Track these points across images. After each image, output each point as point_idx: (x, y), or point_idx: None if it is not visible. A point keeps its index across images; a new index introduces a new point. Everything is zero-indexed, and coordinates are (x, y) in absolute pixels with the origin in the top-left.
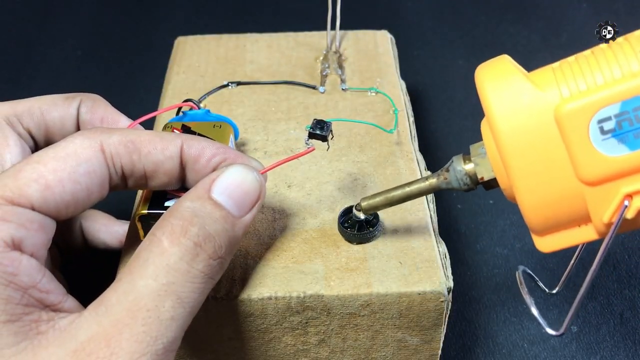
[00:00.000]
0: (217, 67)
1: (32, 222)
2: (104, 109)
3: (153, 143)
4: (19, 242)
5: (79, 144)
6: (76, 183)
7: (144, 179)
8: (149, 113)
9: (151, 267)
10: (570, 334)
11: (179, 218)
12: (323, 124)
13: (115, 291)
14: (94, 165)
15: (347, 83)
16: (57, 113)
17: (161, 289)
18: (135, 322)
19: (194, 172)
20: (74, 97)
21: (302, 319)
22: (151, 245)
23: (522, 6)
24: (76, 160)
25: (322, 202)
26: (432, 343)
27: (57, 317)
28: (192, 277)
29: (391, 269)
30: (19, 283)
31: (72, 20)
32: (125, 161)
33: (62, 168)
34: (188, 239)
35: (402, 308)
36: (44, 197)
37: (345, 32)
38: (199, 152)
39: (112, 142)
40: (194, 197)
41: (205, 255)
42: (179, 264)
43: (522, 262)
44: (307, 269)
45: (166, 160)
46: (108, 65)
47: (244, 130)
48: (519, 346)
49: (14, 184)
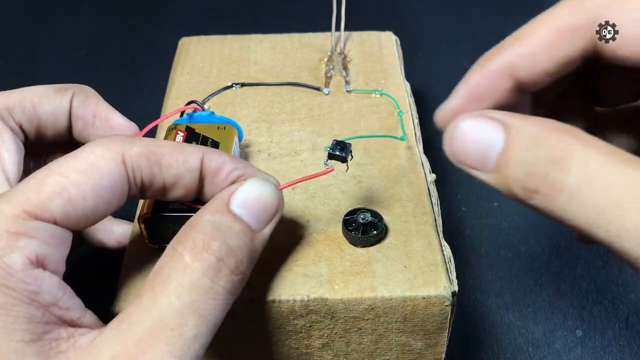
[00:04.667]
0: (221, 68)
1: (54, 237)
2: (97, 103)
3: (174, 155)
4: (42, 258)
5: (100, 155)
6: (98, 197)
7: (163, 191)
8: (153, 113)
9: (173, 284)
10: (575, 338)
11: (200, 232)
12: (343, 145)
13: (137, 308)
14: (116, 178)
15: (351, 84)
16: (50, 107)
17: (184, 307)
18: (159, 342)
19: (212, 185)
20: (66, 89)
21: (305, 323)
22: (172, 260)
23: (528, 7)
24: (99, 173)
25: (326, 204)
26: (437, 347)
27: (77, 334)
28: (214, 294)
29: (395, 273)
30: (41, 301)
31: (76, 20)
32: (145, 173)
33: (84, 181)
34: (210, 254)
35: (406, 312)
36: (66, 211)
37: (349, 34)
38: (219, 166)
39: (133, 153)
40: (213, 210)
41: (228, 270)
42: (202, 280)
43: (526, 265)
44: (311, 272)
45: (186, 173)
46: (112, 65)
47: (248, 132)
48: (524, 350)
49: (37, 198)
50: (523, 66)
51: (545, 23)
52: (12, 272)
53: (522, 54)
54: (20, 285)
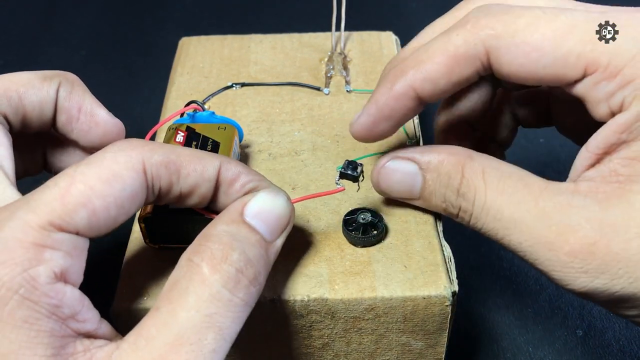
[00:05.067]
0: (221, 68)
1: (76, 248)
2: (83, 95)
3: (193, 164)
4: (65, 271)
5: (123, 164)
6: (120, 208)
7: (178, 199)
8: (153, 113)
9: (192, 297)
10: (575, 338)
11: (217, 242)
12: (355, 165)
13: (155, 322)
14: (137, 188)
15: (351, 84)
16: (36, 97)
17: (204, 320)
18: (179, 357)
19: (225, 195)
20: (52, 78)
21: (305, 323)
22: (190, 272)
23: None
24: (122, 183)
25: (327, 204)
26: (437, 347)
27: (93, 347)
28: (233, 306)
29: (396, 273)
30: (60, 315)
31: (76, 20)
32: (164, 182)
33: (109, 192)
34: (230, 265)
35: (406, 312)
36: (89, 223)
37: (349, 34)
38: (235, 177)
39: (154, 162)
40: (228, 221)
41: (247, 281)
42: (221, 293)
43: (526, 265)
44: (311, 272)
45: (204, 183)
46: (112, 65)
47: (248, 132)
48: (524, 350)
49: (63, 209)
50: (424, 88)
51: (441, 49)
52: (37, 286)
53: (423, 78)
54: (44, 298)
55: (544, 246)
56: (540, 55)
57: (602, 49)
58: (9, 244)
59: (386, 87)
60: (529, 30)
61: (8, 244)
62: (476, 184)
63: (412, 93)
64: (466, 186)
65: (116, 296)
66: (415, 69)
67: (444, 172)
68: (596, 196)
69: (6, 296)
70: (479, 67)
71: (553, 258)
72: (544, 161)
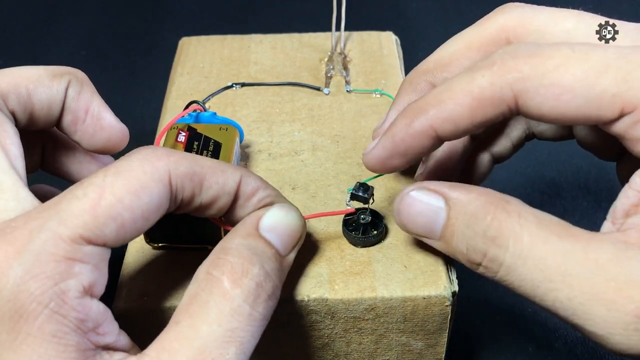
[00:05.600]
0: (222, 68)
1: (102, 260)
2: (91, 97)
3: (215, 176)
4: (92, 285)
5: (150, 175)
6: (146, 220)
7: (196, 209)
8: (153, 113)
9: (214, 311)
10: (575, 338)
11: (237, 256)
12: (367, 187)
13: (176, 336)
14: (163, 200)
15: (351, 84)
16: (45, 95)
17: (225, 335)
18: None
19: (241, 208)
20: (62, 76)
21: (305, 323)
22: (210, 285)
23: None
24: (149, 196)
25: (327, 204)
26: (437, 347)
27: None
28: (253, 321)
29: (396, 273)
30: (84, 328)
31: (77, 20)
32: (187, 194)
33: (137, 205)
34: (250, 279)
35: (406, 312)
36: (117, 235)
37: (350, 34)
38: (253, 191)
39: (179, 173)
40: (244, 234)
41: (266, 295)
42: (242, 307)
43: None
44: (311, 272)
45: (224, 196)
46: (112, 65)
47: (248, 132)
48: (524, 350)
49: (94, 223)
50: (445, 128)
51: (465, 89)
52: (66, 300)
53: (444, 118)
54: (72, 313)
55: (601, 304)
56: (572, 97)
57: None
58: (41, 257)
59: (404, 122)
60: (558, 72)
61: (40, 258)
62: (511, 227)
63: (431, 132)
64: (497, 230)
65: (116, 296)
66: (437, 108)
67: (470, 211)
68: None
69: (37, 310)
70: (505, 110)
71: (612, 318)
72: (544, 161)
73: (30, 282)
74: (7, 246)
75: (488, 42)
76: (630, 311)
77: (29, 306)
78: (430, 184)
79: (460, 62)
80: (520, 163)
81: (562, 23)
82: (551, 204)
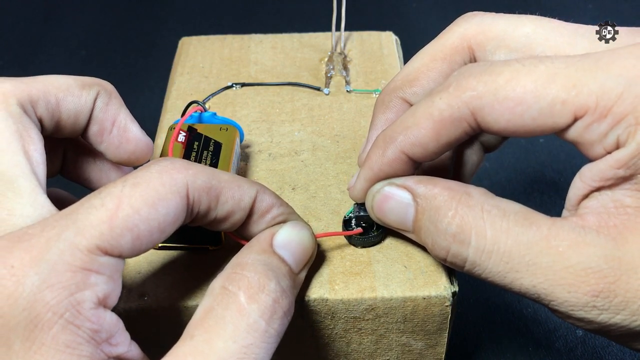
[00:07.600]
0: (222, 68)
1: (117, 271)
2: (118, 108)
3: (231, 191)
4: (107, 296)
5: (168, 187)
6: (162, 232)
7: (211, 223)
8: (153, 113)
9: (230, 327)
10: (575, 338)
11: (253, 271)
12: (362, 204)
13: (191, 350)
14: (179, 213)
15: (351, 84)
16: (73, 105)
17: (240, 351)
18: None
19: (255, 224)
20: (91, 86)
21: (305, 323)
22: (226, 300)
23: (527, 7)
24: (166, 208)
25: (327, 204)
26: (437, 347)
27: None
28: (268, 337)
29: (396, 273)
30: (97, 339)
31: (76, 20)
32: (203, 207)
33: (154, 217)
34: (267, 295)
35: (406, 312)
36: (133, 246)
37: (350, 33)
38: (268, 208)
39: (197, 186)
40: (259, 250)
41: (282, 312)
42: (258, 323)
43: None
44: (311, 273)
45: (239, 211)
46: (112, 65)
47: (248, 132)
48: (524, 349)
49: (110, 234)
50: (415, 151)
51: (426, 113)
52: (81, 310)
53: (412, 143)
54: (86, 323)
55: (563, 288)
56: (525, 108)
57: (588, 91)
58: (58, 267)
59: (378, 153)
60: (510, 86)
61: (56, 267)
62: (474, 222)
63: (404, 157)
64: (459, 226)
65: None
66: (404, 134)
67: (434, 206)
68: (608, 231)
69: (51, 320)
70: (467, 128)
71: (573, 299)
72: (543, 161)
73: (46, 292)
74: (24, 254)
75: (451, 52)
76: (587, 292)
77: (44, 316)
78: (398, 180)
79: (427, 75)
80: (521, 163)
81: (521, 28)
82: (551, 203)
